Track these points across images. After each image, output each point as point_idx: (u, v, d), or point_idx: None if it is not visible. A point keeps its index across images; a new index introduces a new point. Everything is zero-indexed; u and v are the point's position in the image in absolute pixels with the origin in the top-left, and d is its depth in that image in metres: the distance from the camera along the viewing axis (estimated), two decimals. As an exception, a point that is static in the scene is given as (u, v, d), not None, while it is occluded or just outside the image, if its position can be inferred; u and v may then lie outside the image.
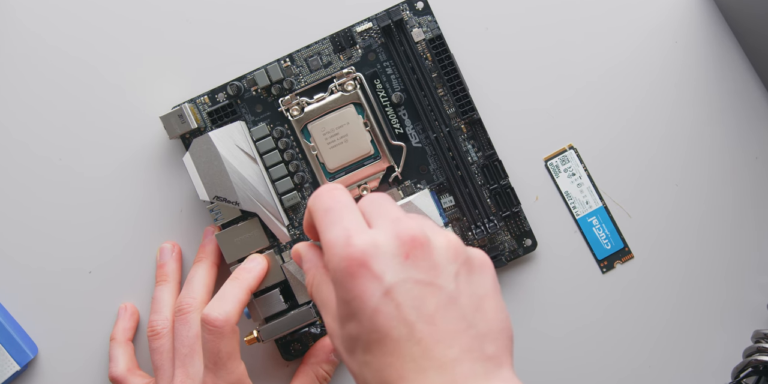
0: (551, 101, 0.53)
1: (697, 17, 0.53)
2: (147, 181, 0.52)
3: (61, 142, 0.52)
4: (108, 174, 0.52)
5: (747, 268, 0.54)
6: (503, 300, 0.36)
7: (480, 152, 0.51)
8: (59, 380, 0.53)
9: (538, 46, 0.53)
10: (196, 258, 0.50)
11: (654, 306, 0.54)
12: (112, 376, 0.49)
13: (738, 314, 0.54)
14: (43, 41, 0.52)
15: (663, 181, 0.54)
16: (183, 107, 0.49)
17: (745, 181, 0.54)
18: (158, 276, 0.50)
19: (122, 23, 0.52)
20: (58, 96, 0.52)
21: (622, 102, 0.53)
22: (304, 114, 0.50)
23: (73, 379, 0.53)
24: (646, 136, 0.54)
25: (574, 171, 0.53)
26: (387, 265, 0.33)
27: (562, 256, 0.53)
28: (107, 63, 0.52)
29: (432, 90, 0.50)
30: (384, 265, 0.33)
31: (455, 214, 0.51)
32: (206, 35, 0.52)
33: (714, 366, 0.54)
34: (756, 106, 0.54)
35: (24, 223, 0.52)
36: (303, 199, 0.51)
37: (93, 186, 0.52)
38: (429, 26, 0.51)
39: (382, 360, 0.33)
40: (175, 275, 0.50)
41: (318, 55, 0.51)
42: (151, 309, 0.50)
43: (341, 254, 0.33)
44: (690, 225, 0.54)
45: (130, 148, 0.52)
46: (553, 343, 0.53)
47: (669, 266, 0.54)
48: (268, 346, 0.52)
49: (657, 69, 0.53)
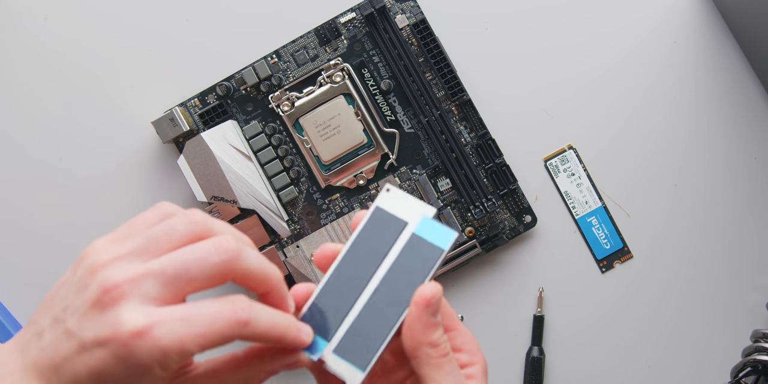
0: (551, 102, 0.53)
1: (696, 18, 0.54)
2: (144, 185, 0.53)
3: (59, 147, 0.53)
4: (106, 180, 0.53)
5: (746, 267, 0.54)
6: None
7: (473, 133, 0.52)
8: None
9: (537, 46, 0.54)
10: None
11: (654, 306, 0.54)
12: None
13: (737, 314, 0.54)
14: (48, 51, 0.53)
15: (662, 181, 0.54)
16: (174, 111, 0.50)
17: (744, 182, 0.54)
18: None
19: (117, 35, 0.53)
20: (56, 101, 0.53)
21: (622, 102, 0.54)
22: (295, 108, 0.50)
23: None
24: (645, 136, 0.54)
25: (574, 171, 0.53)
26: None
27: (562, 256, 0.54)
28: (104, 69, 0.53)
29: (420, 75, 0.51)
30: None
31: (453, 196, 0.51)
32: (193, 38, 0.53)
33: (713, 365, 0.54)
34: (754, 107, 0.54)
35: (23, 225, 0.53)
36: (300, 194, 0.51)
37: (91, 189, 0.53)
38: (412, 11, 0.51)
39: None
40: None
41: (304, 49, 0.51)
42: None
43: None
44: (689, 225, 0.54)
45: (126, 153, 0.53)
46: (553, 344, 0.53)
47: (668, 266, 0.54)
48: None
49: (656, 69, 0.54)
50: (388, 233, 0.37)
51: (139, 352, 0.29)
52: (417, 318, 0.34)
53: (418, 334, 0.34)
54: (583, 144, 0.54)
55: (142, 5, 0.53)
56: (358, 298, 0.36)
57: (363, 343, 0.36)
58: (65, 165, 0.53)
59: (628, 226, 0.54)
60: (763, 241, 0.54)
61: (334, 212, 0.52)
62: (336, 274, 0.37)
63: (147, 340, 0.29)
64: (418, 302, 0.34)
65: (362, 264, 0.37)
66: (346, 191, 0.52)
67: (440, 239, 0.36)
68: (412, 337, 0.34)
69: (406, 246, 0.36)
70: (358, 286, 0.36)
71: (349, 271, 0.37)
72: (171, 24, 0.53)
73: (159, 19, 0.53)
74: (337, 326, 0.36)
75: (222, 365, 0.34)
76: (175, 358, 0.30)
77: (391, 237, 0.37)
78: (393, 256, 0.36)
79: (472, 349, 0.36)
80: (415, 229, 0.36)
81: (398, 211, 0.37)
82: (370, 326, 0.36)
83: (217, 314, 0.31)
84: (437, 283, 0.35)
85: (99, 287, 0.30)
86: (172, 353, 0.29)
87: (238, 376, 0.33)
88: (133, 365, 0.29)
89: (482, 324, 0.54)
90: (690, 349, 0.54)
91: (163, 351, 0.29)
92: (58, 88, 0.53)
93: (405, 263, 0.36)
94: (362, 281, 0.36)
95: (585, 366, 0.54)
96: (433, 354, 0.34)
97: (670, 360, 0.53)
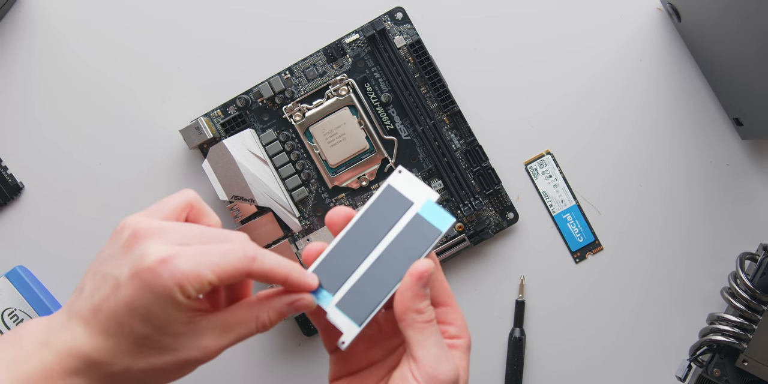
0: (531, 112, 0.54)
1: (658, 38, 0.54)
2: (172, 186, 0.53)
3: (99, 153, 0.54)
4: (139, 182, 0.53)
5: (703, 258, 0.54)
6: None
7: (462, 140, 0.52)
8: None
9: (519, 64, 0.54)
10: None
11: (621, 292, 0.54)
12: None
13: (694, 299, 0.54)
14: (88, 68, 0.54)
15: (629, 183, 0.54)
16: (199, 121, 0.51)
17: (700, 183, 0.54)
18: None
19: (150, 55, 0.54)
20: (96, 113, 0.54)
21: (593, 112, 0.54)
22: (306, 118, 0.51)
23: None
24: (614, 142, 0.54)
25: (551, 173, 0.54)
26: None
27: (540, 249, 0.54)
28: (137, 84, 0.54)
29: (416, 89, 0.52)
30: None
31: (444, 196, 0.52)
32: (216, 57, 0.54)
33: (674, 345, 0.54)
34: (709, 116, 0.54)
35: (68, 222, 0.54)
36: (310, 194, 0.52)
37: (126, 189, 0.53)
38: (408, 33, 0.52)
39: None
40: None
41: (313, 66, 0.52)
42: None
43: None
44: (653, 221, 0.54)
45: (157, 158, 0.53)
46: (533, 326, 0.54)
47: (634, 257, 0.54)
48: (287, 324, 0.53)
49: (624, 84, 0.54)
50: (395, 209, 0.37)
51: (162, 276, 0.31)
52: (409, 287, 0.35)
53: (408, 301, 0.35)
54: (559, 149, 0.54)
55: (172, 28, 0.54)
56: (362, 262, 0.36)
57: (362, 301, 0.36)
58: (104, 169, 0.54)
59: (599, 222, 0.54)
60: (717, 235, 0.54)
61: (340, 210, 0.53)
62: (345, 238, 0.37)
63: (169, 266, 0.31)
64: (412, 274, 0.35)
65: (369, 233, 0.37)
66: (351, 191, 0.53)
67: (440, 222, 0.36)
68: (402, 302, 0.35)
69: (409, 223, 0.37)
70: (364, 252, 0.37)
71: (357, 237, 0.37)
72: (197, 45, 0.54)
73: (186, 40, 0.54)
74: (341, 283, 0.36)
75: (236, 307, 0.35)
76: (194, 283, 0.31)
77: (397, 213, 0.37)
78: (397, 231, 0.37)
79: (461, 325, 0.37)
80: (420, 210, 0.37)
81: (406, 191, 0.37)
82: (370, 288, 0.36)
83: (229, 249, 0.33)
84: (431, 261, 0.35)
85: (130, 232, 0.33)
86: (191, 278, 0.31)
87: (251, 313, 0.34)
88: (158, 289, 0.31)
89: (470, 308, 0.54)
90: (653, 330, 0.54)
91: (183, 275, 0.31)
92: (98, 102, 0.54)
93: (406, 238, 0.36)
94: (367, 248, 0.37)
95: (561, 345, 0.54)
96: (417, 319, 0.35)
97: (635, 339, 0.54)
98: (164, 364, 0.32)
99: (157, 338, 0.32)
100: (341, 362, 0.38)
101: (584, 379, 0.54)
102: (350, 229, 0.37)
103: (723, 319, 0.50)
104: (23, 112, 0.54)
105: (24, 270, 0.53)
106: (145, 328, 0.31)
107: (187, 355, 0.32)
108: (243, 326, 0.34)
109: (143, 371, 0.32)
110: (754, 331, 0.49)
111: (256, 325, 0.34)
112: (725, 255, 0.54)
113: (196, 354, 0.33)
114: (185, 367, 0.33)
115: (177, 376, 0.33)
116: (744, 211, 0.54)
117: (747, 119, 0.52)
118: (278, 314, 0.35)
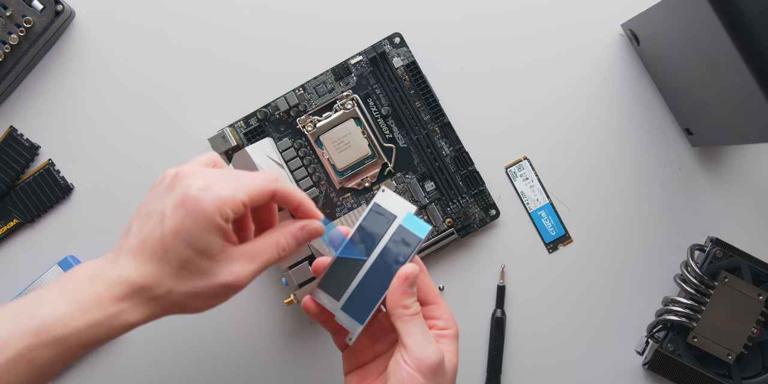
0: (511, 123, 0.55)
1: (620, 60, 0.56)
2: None
3: (138, 158, 0.55)
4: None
5: (658, 249, 0.55)
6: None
7: (451, 147, 0.55)
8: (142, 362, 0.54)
9: (500, 82, 0.55)
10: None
11: (588, 278, 0.55)
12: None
13: (651, 284, 0.55)
14: (128, 85, 0.56)
15: (595, 184, 0.56)
16: (224, 130, 0.53)
17: (657, 184, 0.55)
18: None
19: (181, 73, 0.56)
20: (135, 123, 0.55)
21: (565, 123, 0.55)
22: (316, 129, 0.53)
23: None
24: (582, 149, 0.55)
25: (528, 176, 0.55)
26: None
27: (518, 241, 0.55)
28: (170, 99, 0.55)
29: (411, 103, 0.54)
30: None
31: (436, 195, 0.54)
32: (240, 76, 0.55)
33: (633, 323, 0.55)
34: (665, 127, 0.56)
35: (114, 219, 0.55)
36: (321, 193, 0.54)
37: None
38: (405, 55, 0.55)
39: None
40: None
41: (323, 83, 0.54)
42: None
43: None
44: (615, 217, 0.55)
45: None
46: (513, 307, 0.55)
47: (600, 248, 0.55)
48: (299, 306, 0.55)
49: (590, 99, 0.55)
50: (382, 223, 0.39)
51: (204, 201, 0.32)
52: (397, 287, 0.38)
53: (396, 298, 0.38)
54: (535, 155, 0.56)
55: (201, 51, 0.56)
56: (360, 270, 0.39)
57: (362, 303, 0.38)
58: (143, 171, 0.55)
59: (569, 217, 0.55)
60: (671, 229, 0.55)
61: (346, 207, 0.55)
62: (345, 250, 0.39)
63: (209, 192, 0.32)
64: (399, 276, 0.38)
65: (364, 244, 0.39)
66: (355, 191, 0.55)
67: (419, 230, 0.39)
68: (392, 299, 0.38)
69: (395, 233, 0.39)
70: (360, 261, 0.39)
71: (354, 248, 0.39)
72: (223, 65, 0.56)
73: (213, 61, 0.56)
74: (344, 290, 0.39)
75: (259, 237, 0.37)
76: (230, 205, 0.33)
77: (384, 226, 0.39)
78: (385, 240, 0.39)
79: (448, 318, 0.39)
80: (402, 221, 0.39)
81: (390, 207, 0.39)
82: (368, 291, 0.38)
83: (256, 175, 0.35)
84: (415, 264, 0.38)
85: (172, 175, 0.34)
86: (229, 200, 0.33)
87: (271, 239, 0.36)
88: (200, 214, 0.32)
89: (458, 292, 0.55)
90: (616, 311, 0.55)
91: (221, 199, 0.32)
92: (137, 114, 0.55)
93: (393, 246, 0.38)
94: (363, 257, 0.39)
95: (537, 324, 0.55)
96: (405, 312, 0.37)
97: (601, 319, 0.55)
98: (202, 288, 0.33)
99: (197, 262, 0.33)
100: (351, 357, 0.41)
101: (557, 353, 0.55)
102: (348, 242, 0.39)
103: (676, 301, 0.51)
104: (73, 122, 0.56)
105: (74, 259, 0.55)
106: (187, 251, 0.32)
107: (222, 279, 0.33)
108: (266, 251, 0.35)
109: (183, 295, 0.33)
110: (702, 312, 0.51)
111: (277, 250, 0.36)
112: (678, 246, 0.55)
113: (230, 278, 0.34)
114: (220, 294, 0.34)
115: (212, 302, 0.34)
116: (694, 208, 0.56)
117: (696, 129, 0.54)
118: (294, 238, 0.37)
